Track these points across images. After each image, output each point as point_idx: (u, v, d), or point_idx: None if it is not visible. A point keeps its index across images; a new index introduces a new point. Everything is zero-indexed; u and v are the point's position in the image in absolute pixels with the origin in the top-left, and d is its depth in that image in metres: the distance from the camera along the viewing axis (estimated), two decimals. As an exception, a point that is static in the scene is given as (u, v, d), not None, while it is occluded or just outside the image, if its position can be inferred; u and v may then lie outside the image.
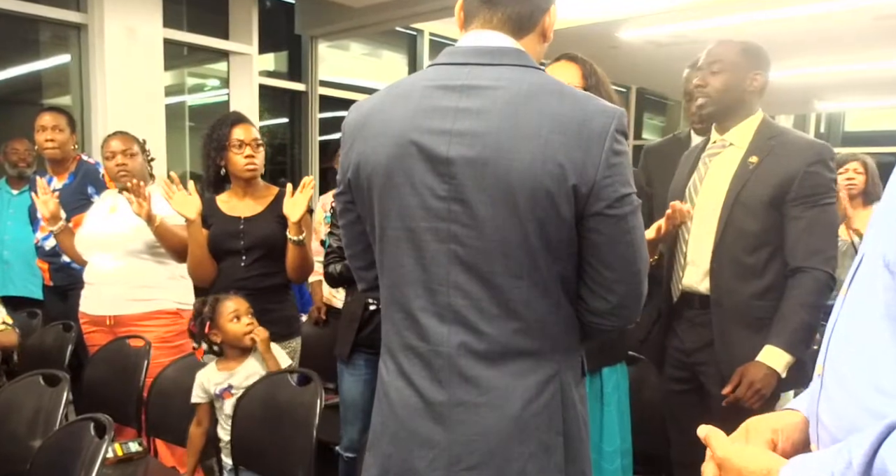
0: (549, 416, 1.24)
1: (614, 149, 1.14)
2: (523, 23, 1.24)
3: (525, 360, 1.23)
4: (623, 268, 1.21)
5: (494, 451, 1.22)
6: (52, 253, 3.34)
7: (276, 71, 5.75)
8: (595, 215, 1.16)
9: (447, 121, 1.18)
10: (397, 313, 1.30)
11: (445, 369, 1.24)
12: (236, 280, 2.51)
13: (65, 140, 3.33)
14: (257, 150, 2.59)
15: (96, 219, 2.90)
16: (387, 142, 1.22)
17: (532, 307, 1.21)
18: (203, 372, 2.33)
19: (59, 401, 2.19)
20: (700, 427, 0.94)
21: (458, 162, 1.17)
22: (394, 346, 1.34)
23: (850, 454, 0.71)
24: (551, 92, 1.17)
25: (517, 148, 1.14)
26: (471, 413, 1.23)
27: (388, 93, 1.29)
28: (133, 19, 4.24)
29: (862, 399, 0.81)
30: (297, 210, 2.47)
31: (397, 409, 1.32)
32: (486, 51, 1.22)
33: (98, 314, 2.85)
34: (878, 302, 0.81)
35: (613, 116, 1.16)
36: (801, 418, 0.99)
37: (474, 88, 1.18)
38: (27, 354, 2.96)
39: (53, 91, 4.65)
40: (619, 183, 1.15)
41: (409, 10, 4.90)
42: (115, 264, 2.82)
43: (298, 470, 2.07)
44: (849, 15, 4.76)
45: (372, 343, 2.52)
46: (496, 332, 1.21)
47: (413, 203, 1.22)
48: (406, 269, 1.26)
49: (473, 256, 1.20)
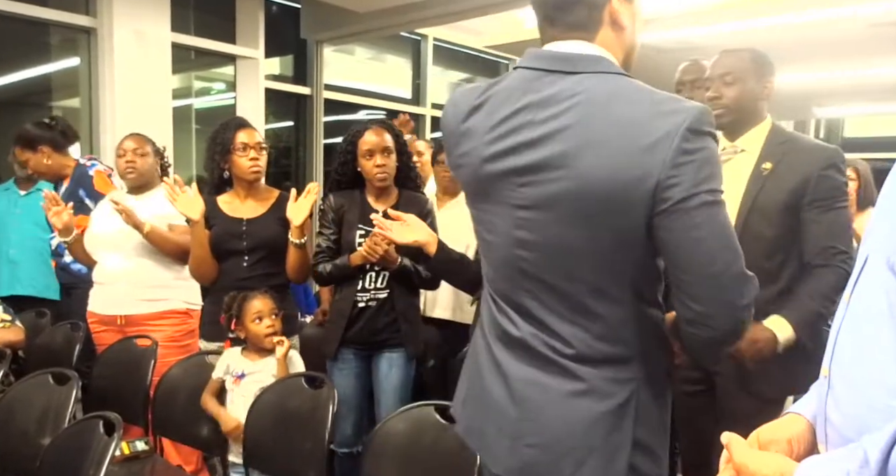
0: (619, 420, 1.26)
1: (683, 148, 1.12)
2: (587, 24, 1.25)
3: (601, 363, 1.26)
4: (697, 270, 1.16)
5: (558, 438, 1.28)
6: (56, 253, 3.42)
7: (281, 75, 5.78)
8: (660, 214, 1.14)
9: (524, 133, 1.23)
10: (495, 303, 1.39)
11: (527, 356, 1.31)
12: (238, 280, 2.57)
13: (35, 164, 3.40)
14: (261, 153, 2.65)
15: (105, 218, 2.93)
16: (474, 151, 1.31)
17: (604, 314, 1.24)
18: (229, 351, 2.43)
19: (67, 399, 2.21)
20: (723, 434, 0.96)
21: (533, 173, 1.22)
22: (485, 324, 1.43)
23: (865, 453, 0.73)
24: (624, 99, 1.18)
25: (588, 158, 1.16)
26: (543, 397, 1.29)
27: (484, 94, 1.33)
28: (141, 23, 4.28)
29: (870, 398, 0.83)
30: (301, 214, 2.53)
31: (484, 377, 1.39)
32: (565, 57, 1.25)
33: (108, 314, 2.89)
34: (882, 303, 0.83)
35: (687, 115, 1.13)
36: (807, 424, 1.01)
37: (552, 99, 1.22)
38: (36, 353, 3.00)
39: (63, 94, 4.69)
40: (688, 181, 1.12)
41: (414, 15, 4.93)
42: (125, 264, 2.87)
43: (310, 472, 2.11)
44: (845, 22, 4.78)
45: (361, 340, 2.56)
46: (569, 334, 1.26)
47: (492, 209, 1.32)
48: (491, 267, 1.38)
49: (541, 262, 1.26)
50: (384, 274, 2.54)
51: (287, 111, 5.85)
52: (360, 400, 2.65)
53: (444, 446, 1.92)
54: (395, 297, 2.56)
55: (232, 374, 2.37)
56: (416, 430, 2.00)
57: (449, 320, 3.10)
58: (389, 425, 2.05)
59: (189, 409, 2.44)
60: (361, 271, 2.53)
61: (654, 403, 1.30)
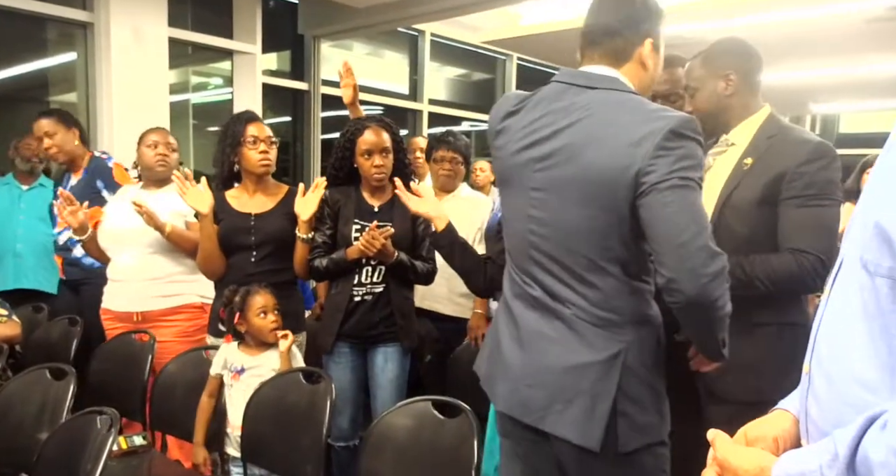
0: (607, 371, 1.47)
1: (662, 145, 1.37)
2: (619, 55, 1.55)
3: (597, 326, 1.49)
4: (666, 239, 1.37)
5: (553, 381, 1.51)
6: (65, 247, 3.41)
7: (279, 70, 5.78)
8: (640, 195, 1.39)
9: (544, 130, 1.52)
10: (513, 269, 1.65)
11: (538, 310, 1.56)
12: (246, 275, 2.57)
13: (62, 140, 3.35)
14: (271, 147, 2.65)
15: (119, 215, 2.92)
16: (507, 145, 1.61)
17: (599, 284, 1.48)
18: (226, 346, 2.42)
19: (65, 394, 2.23)
20: (709, 430, 1.00)
21: (546, 160, 1.51)
22: (506, 287, 1.69)
23: (835, 447, 0.76)
24: (625, 107, 1.46)
25: (590, 151, 1.44)
26: (547, 345, 1.53)
27: (523, 101, 1.62)
28: (139, 18, 4.27)
29: (846, 393, 0.86)
30: (309, 209, 2.54)
31: (500, 331, 1.66)
32: (589, 76, 1.55)
33: (125, 311, 2.88)
34: (857, 301, 0.85)
35: (670, 121, 1.39)
36: (793, 419, 1.03)
37: (572, 107, 1.51)
38: (33, 348, 3.01)
39: (60, 89, 4.68)
40: (663, 169, 1.36)
41: (411, 10, 4.93)
42: (140, 260, 2.86)
43: (307, 466, 2.12)
44: (841, 18, 4.79)
45: (356, 333, 2.57)
46: (570, 300, 1.51)
47: (514, 193, 1.60)
48: (509, 242, 1.66)
49: (547, 237, 1.52)
50: (380, 268, 2.55)
51: (284, 106, 5.84)
52: (355, 394, 2.66)
53: (442, 441, 1.93)
54: (391, 292, 2.57)
55: (230, 370, 2.37)
56: (415, 424, 2.01)
57: (446, 315, 3.11)
58: (387, 420, 2.05)
59: (187, 403, 2.45)
60: (358, 265, 2.54)
61: (642, 363, 1.50)
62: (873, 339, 0.82)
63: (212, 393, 2.41)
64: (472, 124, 7.59)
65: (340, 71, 2.86)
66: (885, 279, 0.81)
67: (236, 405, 2.33)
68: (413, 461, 1.98)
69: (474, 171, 5.04)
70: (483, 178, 5.00)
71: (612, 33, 1.55)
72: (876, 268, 0.82)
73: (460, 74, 7.69)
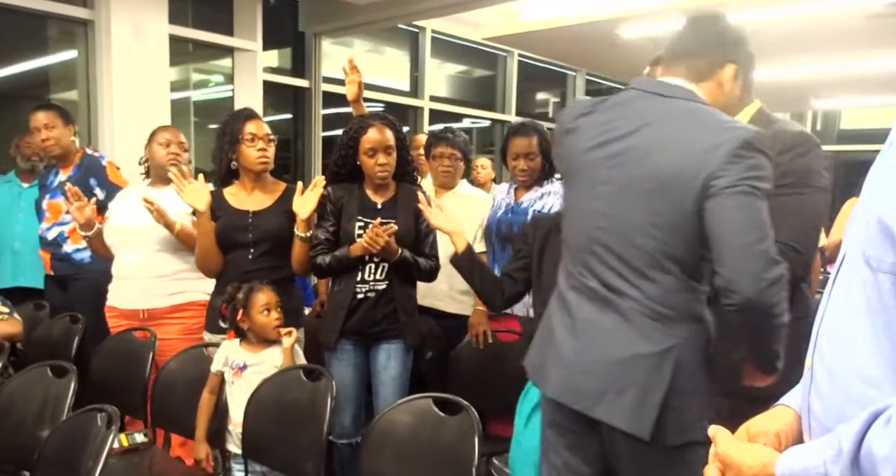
0: (661, 363, 1.51)
1: (735, 153, 1.42)
2: (701, 73, 1.61)
3: (653, 320, 1.53)
4: (729, 241, 1.41)
5: (607, 370, 1.55)
6: (55, 243, 3.39)
7: (279, 67, 5.77)
8: (708, 198, 1.43)
9: (617, 131, 1.59)
10: (570, 262, 1.70)
11: (594, 300, 1.61)
12: (244, 272, 2.57)
13: (59, 134, 3.36)
14: (269, 145, 2.65)
15: (126, 212, 2.91)
16: (577, 144, 1.67)
17: (658, 280, 1.52)
18: (227, 343, 2.42)
19: (66, 392, 2.22)
20: (710, 427, 1.02)
21: (617, 158, 1.56)
22: (561, 279, 1.73)
23: (839, 442, 0.76)
24: (700, 115, 1.53)
25: (663, 153, 1.50)
26: (601, 335, 1.58)
27: (595, 105, 1.69)
28: (139, 16, 4.27)
29: (848, 390, 0.86)
30: (307, 207, 2.53)
31: (553, 321, 1.70)
32: (665, 85, 1.61)
33: (131, 308, 2.88)
34: (859, 297, 0.85)
35: (744, 133, 1.45)
36: (794, 415, 1.04)
37: (644, 110, 1.58)
38: (35, 346, 3.01)
39: (61, 86, 4.68)
40: (732, 176, 1.41)
41: (412, 7, 4.92)
42: (147, 258, 2.86)
43: (308, 463, 2.12)
44: (843, 14, 4.79)
45: (359, 330, 2.57)
46: (628, 293, 1.54)
47: (582, 188, 1.66)
48: (570, 234, 1.71)
49: (610, 230, 1.57)
50: (383, 265, 2.55)
51: (285, 104, 5.84)
52: (358, 391, 2.66)
53: (443, 438, 1.93)
54: (395, 289, 2.57)
55: (232, 367, 2.37)
56: (416, 422, 2.00)
57: (447, 312, 3.11)
58: (388, 417, 2.05)
59: (188, 401, 2.45)
60: (361, 263, 2.54)
61: (694, 360, 1.53)
62: (876, 335, 0.83)
63: (213, 389, 2.41)
64: (474, 121, 7.58)
65: (345, 67, 2.85)
66: (888, 275, 0.81)
67: (238, 402, 2.32)
68: (414, 458, 1.98)
69: (475, 168, 5.03)
70: (484, 176, 4.99)
71: (696, 52, 1.62)
72: (879, 264, 0.82)
73: (461, 71, 7.68)
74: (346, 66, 2.84)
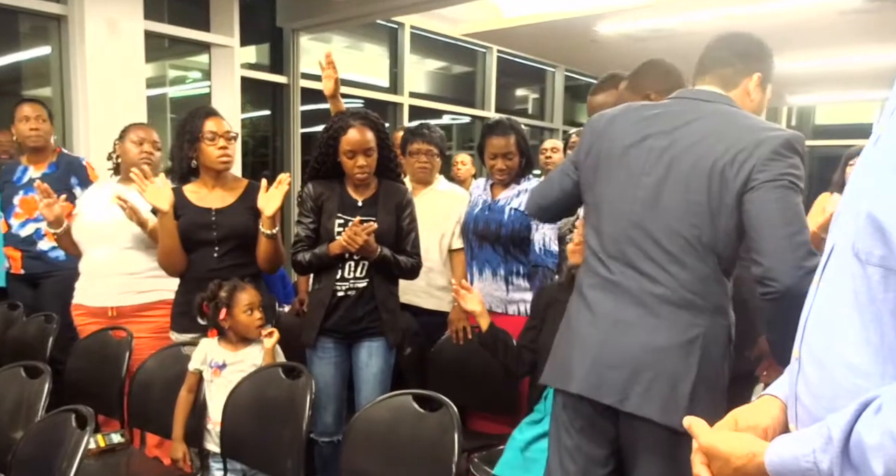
0: (687, 354, 1.58)
1: (777, 151, 1.53)
2: (727, 81, 1.74)
3: (680, 307, 1.60)
4: (771, 230, 1.50)
5: (634, 362, 1.60)
6: (28, 241, 3.35)
7: (257, 63, 5.73)
8: (749, 191, 1.53)
9: (660, 126, 1.69)
10: (594, 257, 1.75)
11: (617, 294, 1.66)
12: (209, 270, 2.54)
13: (47, 129, 3.38)
14: (230, 142, 2.61)
15: (97, 209, 2.88)
16: (616, 141, 1.75)
17: (691, 266, 1.59)
18: (206, 341, 2.39)
19: (40, 393, 2.19)
20: (685, 418, 1.01)
21: (662, 150, 1.65)
22: (582, 278, 1.78)
23: (829, 431, 0.77)
24: (742, 116, 1.66)
25: (707, 145, 1.59)
26: (626, 328, 1.63)
27: (642, 107, 1.79)
28: (114, 11, 4.21)
29: (836, 379, 0.87)
30: (272, 204, 2.51)
31: (572, 320, 1.75)
32: (701, 93, 1.74)
33: (98, 306, 2.85)
34: (848, 288, 0.86)
35: (786, 135, 1.56)
36: (781, 406, 1.04)
37: (686, 110, 1.69)
38: (8, 346, 2.96)
39: (34, 83, 4.62)
40: (774, 171, 1.51)
41: (390, 3, 4.91)
42: (117, 255, 2.82)
43: (288, 461, 2.10)
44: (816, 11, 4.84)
45: (339, 328, 2.56)
46: (661, 278, 1.61)
47: (622, 178, 1.71)
48: (604, 224, 1.73)
49: (650, 215, 1.63)
50: (363, 263, 2.53)
51: (264, 100, 5.80)
52: (339, 389, 2.65)
53: (423, 434, 1.92)
54: (376, 287, 2.55)
55: (210, 365, 2.35)
56: (395, 418, 2.00)
57: (426, 309, 3.10)
58: (368, 414, 2.04)
59: (165, 400, 2.42)
60: (340, 260, 2.52)
61: (716, 350, 1.60)
62: (865, 327, 0.84)
63: (191, 388, 2.38)
64: (454, 118, 7.57)
65: (322, 62, 2.83)
66: (876, 267, 0.82)
67: (217, 400, 2.31)
68: (394, 455, 1.97)
69: (455, 164, 5.03)
70: (464, 172, 4.99)
71: (724, 62, 1.74)
72: (868, 256, 0.83)
73: (441, 67, 7.67)
74: (323, 62, 2.82)
